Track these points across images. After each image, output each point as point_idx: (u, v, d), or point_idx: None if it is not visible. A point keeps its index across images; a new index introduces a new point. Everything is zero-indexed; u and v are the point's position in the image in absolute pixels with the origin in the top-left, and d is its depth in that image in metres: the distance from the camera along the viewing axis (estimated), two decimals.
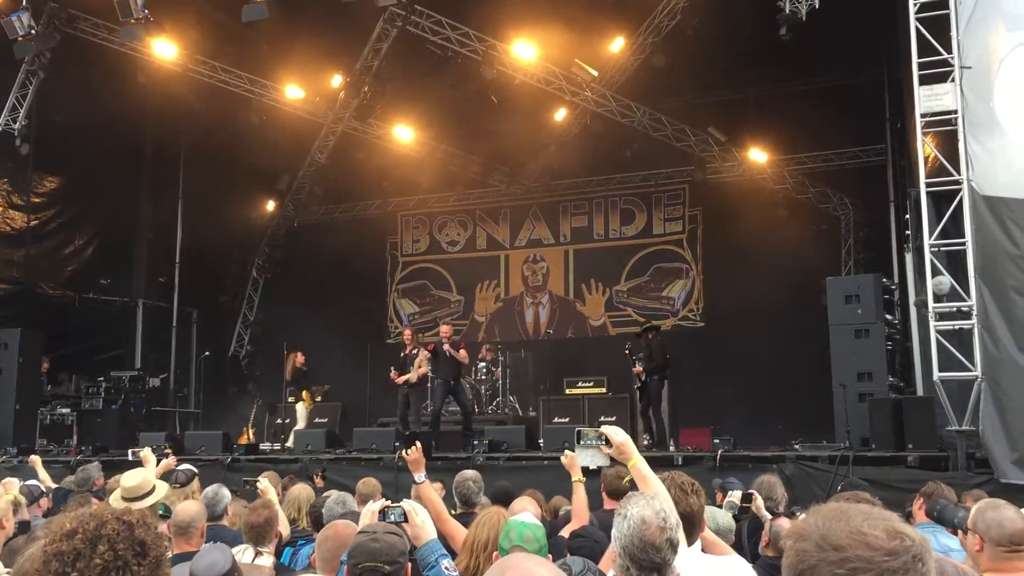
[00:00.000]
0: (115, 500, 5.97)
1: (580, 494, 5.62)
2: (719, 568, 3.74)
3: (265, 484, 7.03)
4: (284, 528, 6.05)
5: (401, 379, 14.02)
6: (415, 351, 14.06)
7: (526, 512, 4.28)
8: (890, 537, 1.51)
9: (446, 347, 13.14)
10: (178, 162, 18.96)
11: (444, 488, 7.27)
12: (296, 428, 15.50)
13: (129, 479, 6.10)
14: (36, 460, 9.80)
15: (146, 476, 6.24)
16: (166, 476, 7.45)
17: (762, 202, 16.74)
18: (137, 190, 19.14)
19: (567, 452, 5.81)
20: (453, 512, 5.80)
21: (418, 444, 5.28)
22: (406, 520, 3.58)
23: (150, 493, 5.99)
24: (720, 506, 6.12)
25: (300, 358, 16.18)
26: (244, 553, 4.73)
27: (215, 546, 3.40)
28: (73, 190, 17.22)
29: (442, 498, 5.35)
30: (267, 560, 4.82)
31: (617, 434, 3.59)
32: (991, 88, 9.21)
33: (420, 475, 5.17)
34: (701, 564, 3.53)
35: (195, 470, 7.64)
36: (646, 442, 12.76)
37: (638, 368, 13.19)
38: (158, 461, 7.80)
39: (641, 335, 13.68)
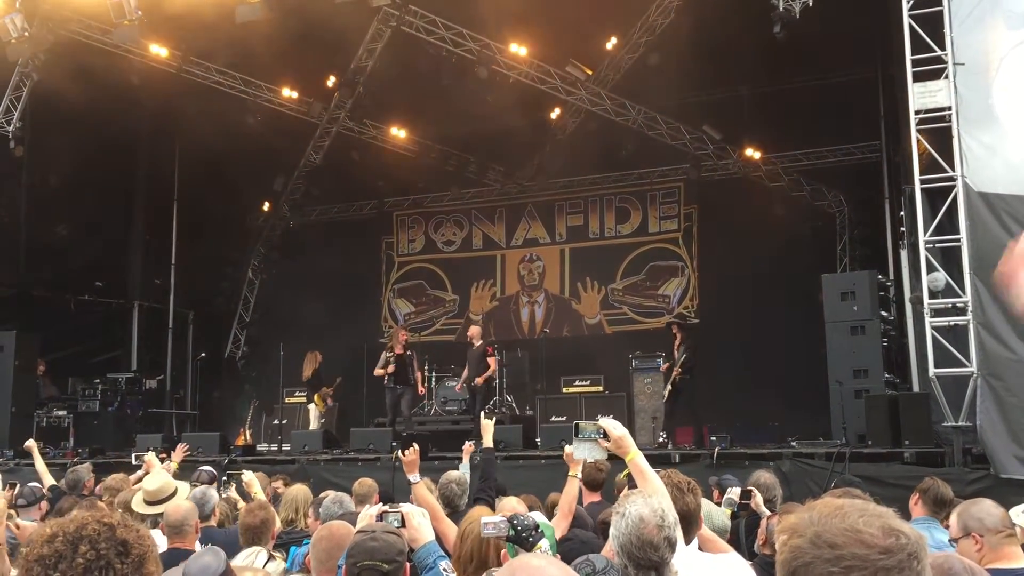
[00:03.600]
0: (137, 504, 5.97)
1: (571, 489, 5.62)
2: (716, 566, 3.74)
3: (249, 477, 7.06)
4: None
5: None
6: (410, 352, 14.09)
7: (537, 512, 4.28)
8: (885, 535, 1.50)
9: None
10: (173, 163, 18.92)
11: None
12: (311, 429, 15.49)
13: (151, 482, 6.11)
14: (32, 446, 9.70)
15: (167, 479, 6.24)
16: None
17: (757, 200, 16.75)
18: (132, 192, 19.08)
19: (568, 448, 5.83)
20: None
21: (415, 446, 5.37)
22: (404, 525, 3.58)
23: (172, 496, 5.97)
24: (718, 503, 6.12)
25: (319, 358, 16.18)
26: (258, 556, 4.73)
27: (209, 549, 3.39)
28: (67, 192, 17.17)
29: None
30: (280, 565, 4.81)
31: (615, 428, 3.59)
32: (989, 85, 9.24)
33: (415, 476, 5.25)
34: (699, 562, 3.54)
35: (214, 472, 7.66)
36: (662, 439, 12.79)
37: (676, 370, 13.08)
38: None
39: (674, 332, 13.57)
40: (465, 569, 3.92)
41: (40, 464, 9.03)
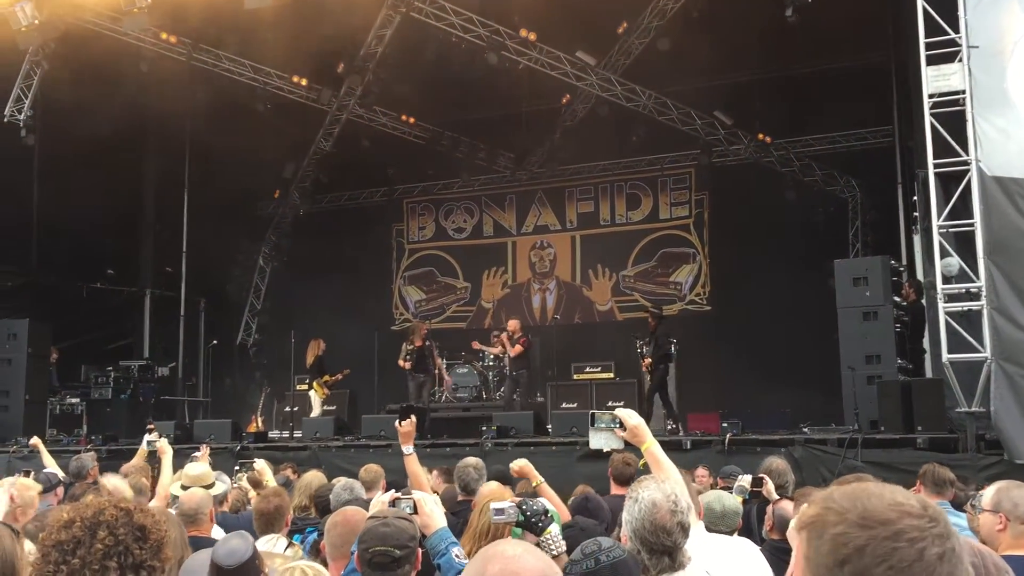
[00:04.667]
0: (175, 488, 6.01)
1: (549, 495, 5.59)
2: (725, 546, 3.75)
3: (261, 465, 7.08)
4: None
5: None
6: (429, 343, 14.31)
7: (540, 499, 4.29)
8: (923, 506, 1.48)
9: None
10: (183, 151, 18.92)
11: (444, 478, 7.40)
12: (313, 415, 15.53)
13: (194, 468, 6.14)
14: (38, 442, 9.74)
15: (207, 469, 6.29)
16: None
17: (769, 185, 16.69)
18: (142, 179, 19.15)
19: (514, 465, 5.78)
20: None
21: (412, 418, 5.40)
22: (416, 512, 3.59)
23: (210, 487, 6.00)
24: (726, 490, 6.11)
25: (322, 346, 16.21)
26: (277, 543, 4.75)
27: (236, 533, 3.40)
28: (78, 181, 17.22)
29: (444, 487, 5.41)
30: (297, 552, 4.82)
31: (631, 417, 3.58)
32: (1004, 68, 9.15)
33: (408, 447, 5.28)
34: (707, 542, 3.54)
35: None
36: (670, 426, 12.80)
37: (646, 361, 13.25)
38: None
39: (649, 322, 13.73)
40: (480, 542, 3.94)
41: (48, 459, 9.06)
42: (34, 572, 2.07)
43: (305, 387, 16.83)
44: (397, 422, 5.44)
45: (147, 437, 8.00)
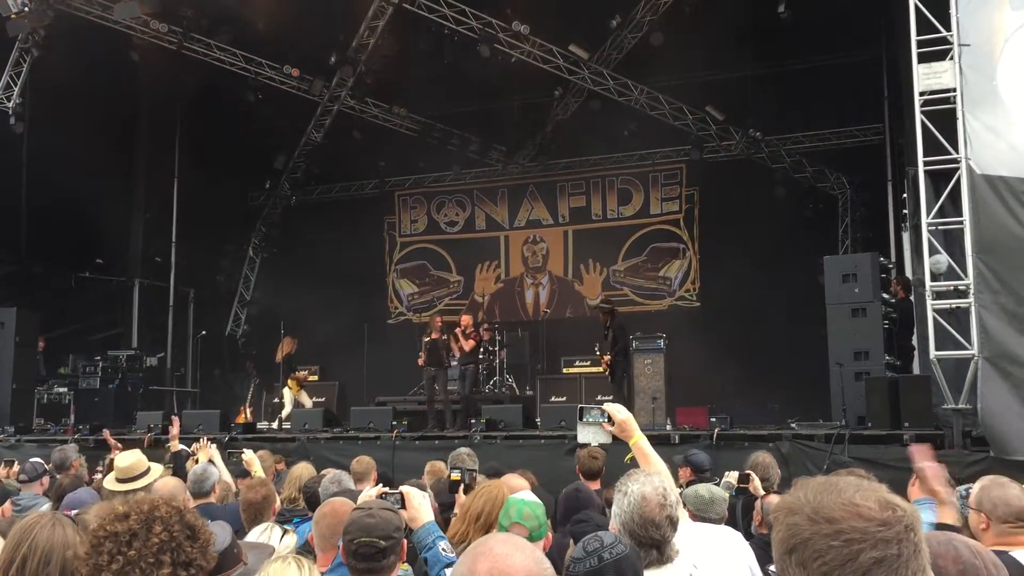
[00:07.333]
0: (109, 483, 5.87)
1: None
2: (711, 536, 3.77)
3: (249, 456, 7.04)
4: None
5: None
6: (445, 336, 14.07)
7: (526, 490, 4.30)
8: (882, 508, 1.50)
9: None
10: (173, 141, 18.84)
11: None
12: (284, 413, 15.46)
13: (123, 459, 5.96)
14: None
15: (139, 457, 6.13)
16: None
17: (759, 181, 16.72)
18: (132, 169, 19.02)
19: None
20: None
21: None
22: (403, 506, 3.59)
23: (145, 474, 5.88)
24: (685, 484, 6.11)
25: (295, 344, 16.14)
26: (272, 531, 4.73)
27: (215, 523, 3.41)
28: (67, 169, 17.14)
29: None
30: (292, 539, 4.80)
31: (619, 411, 3.58)
32: (994, 66, 9.18)
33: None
34: (693, 532, 3.56)
35: (189, 450, 7.63)
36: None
37: (605, 357, 13.24)
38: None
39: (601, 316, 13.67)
40: (470, 524, 3.99)
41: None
42: (84, 562, 2.13)
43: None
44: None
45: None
